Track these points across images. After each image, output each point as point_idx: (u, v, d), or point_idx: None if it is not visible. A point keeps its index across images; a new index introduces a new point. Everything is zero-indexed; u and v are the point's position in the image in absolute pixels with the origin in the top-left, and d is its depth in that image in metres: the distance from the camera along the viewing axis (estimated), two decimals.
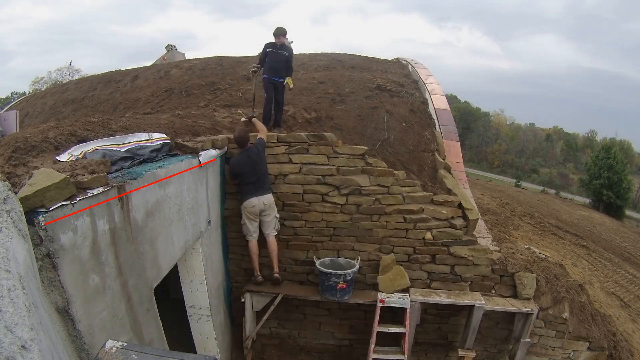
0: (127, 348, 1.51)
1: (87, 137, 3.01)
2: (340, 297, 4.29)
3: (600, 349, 4.48)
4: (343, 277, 4.20)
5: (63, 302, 1.79)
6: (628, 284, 8.29)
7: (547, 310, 4.37)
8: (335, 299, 4.30)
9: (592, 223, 15.80)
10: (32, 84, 25.55)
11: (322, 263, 4.35)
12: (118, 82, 9.04)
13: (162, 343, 2.84)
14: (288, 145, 4.40)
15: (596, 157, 27.59)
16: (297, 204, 4.45)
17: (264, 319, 4.55)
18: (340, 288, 4.23)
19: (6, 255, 1.22)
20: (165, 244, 2.94)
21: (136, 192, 2.47)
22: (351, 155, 4.39)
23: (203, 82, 7.39)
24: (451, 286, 4.45)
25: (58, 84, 18.47)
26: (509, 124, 56.84)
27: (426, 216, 4.36)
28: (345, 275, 4.20)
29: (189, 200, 3.40)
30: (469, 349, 4.36)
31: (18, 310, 1.14)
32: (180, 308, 3.98)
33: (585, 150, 48.58)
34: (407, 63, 8.16)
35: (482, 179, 29.42)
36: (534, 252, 5.18)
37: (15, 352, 1.03)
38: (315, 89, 6.59)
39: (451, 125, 6.33)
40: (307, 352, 4.94)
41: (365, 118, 5.85)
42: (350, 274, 4.22)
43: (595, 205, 25.82)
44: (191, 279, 3.82)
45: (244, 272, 4.73)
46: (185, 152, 3.49)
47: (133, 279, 2.43)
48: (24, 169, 2.20)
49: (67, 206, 1.83)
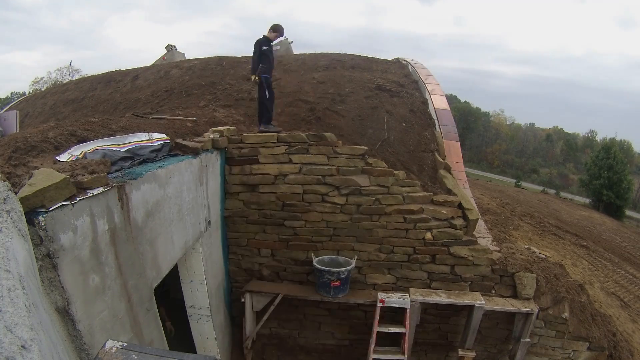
0: (127, 348, 1.51)
1: (87, 137, 3.01)
2: (334, 295, 4.28)
3: (600, 349, 4.48)
4: (337, 275, 4.19)
5: (63, 302, 1.79)
6: (628, 284, 8.28)
7: (547, 310, 4.37)
8: (329, 296, 4.29)
9: (592, 223, 15.79)
10: (32, 84, 25.53)
11: (320, 261, 4.36)
12: (118, 82, 9.04)
13: (162, 343, 2.84)
14: (288, 145, 4.40)
15: (596, 157, 27.55)
16: (297, 204, 4.45)
17: (264, 319, 4.55)
18: (333, 285, 4.22)
19: (6, 255, 1.22)
20: (165, 244, 2.94)
21: (136, 192, 2.47)
22: (351, 155, 4.39)
23: (203, 82, 7.40)
24: (451, 286, 4.45)
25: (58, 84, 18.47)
26: (509, 124, 56.86)
27: (426, 216, 4.35)
28: (339, 273, 4.19)
29: (189, 200, 3.40)
30: (469, 349, 4.36)
31: (18, 310, 1.14)
32: (180, 308, 3.98)
33: (585, 150, 48.53)
34: (407, 63, 8.16)
35: (482, 179, 29.42)
36: (534, 252, 5.18)
37: (15, 352, 1.03)
38: (316, 89, 6.59)
39: (451, 125, 6.32)
40: (307, 352, 4.94)
41: (365, 118, 5.85)
42: (344, 272, 4.21)
43: (595, 205, 25.78)
44: (191, 279, 3.82)
45: (244, 272, 4.73)
46: (185, 152, 3.49)
47: (133, 279, 2.43)
48: (24, 169, 2.20)
49: (67, 206, 1.83)
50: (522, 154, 49.79)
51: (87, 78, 11.02)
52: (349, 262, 4.36)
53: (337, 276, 4.19)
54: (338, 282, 4.20)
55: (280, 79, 7.07)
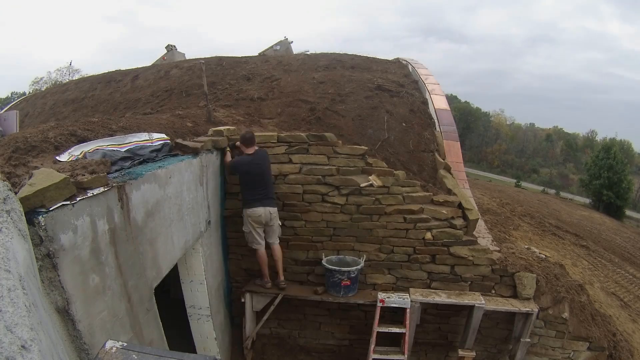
0: (127, 348, 1.51)
1: (87, 137, 3.01)
2: (345, 294, 4.31)
3: (600, 349, 4.48)
4: (347, 275, 4.22)
5: (63, 302, 1.79)
6: (628, 284, 8.29)
7: (547, 310, 4.37)
8: (339, 295, 4.32)
9: (592, 223, 15.79)
10: (32, 84, 25.54)
11: (328, 260, 4.38)
12: (118, 82, 9.04)
13: (162, 343, 2.84)
14: (288, 145, 4.40)
15: (596, 157, 27.59)
16: (297, 204, 4.45)
17: (264, 319, 4.55)
18: (344, 285, 4.26)
19: (6, 255, 1.22)
20: (165, 244, 2.94)
21: (136, 192, 2.47)
22: (351, 155, 4.39)
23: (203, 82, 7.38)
24: (451, 286, 4.45)
25: (58, 84, 18.49)
26: (509, 124, 56.90)
27: (426, 216, 4.35)
28: (349, 272, 4.22)
29: (189, 200, 3.40)
30: (469, 349, 4.36)
31: (18, 310, 1.14)
32: (180, 308, 3.98)
33: (585, 150, 48.58)
34: (407, 63, 8.16)
35: (482, 179, 29.44)
36: (534, 252, 5.18)
37: (15, 352, 1.03)
38: (316, 89, 6.59)
39: (451, 125, 6.32)
40: (307, 352, 4.94)
41: (365, 118, 5.85)
42: (354, 271, 4.24)
43: (595, 205, 25.81)
44: (191, 279, 3.82)
45: (244, 272, 4.73)
46: (186, 152, 3.49)
47: (133, 279, 2.43)
48: (24, 169, 2.20)
49: (67, 206, 1.83)
50: (522, 154, 49.84)
51: (87, 78, 11.02)
52: (357, 262, 4.38)
53: (348, 275, 4.22)
54: (348, 281, 4.24)
55: (280, 79, 7.08)
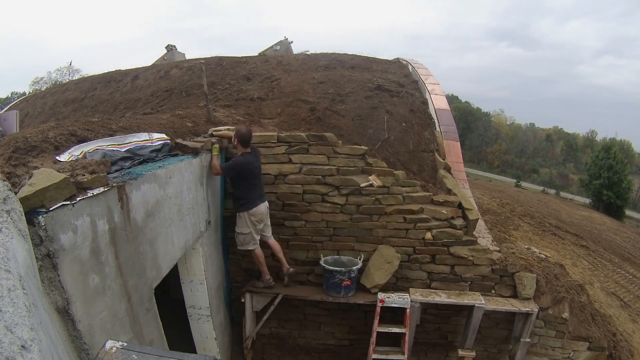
0: (127, 348, 1.51)
1: (87, 137, 3.01)
2: (345, 294, 4.32)
3: (600, 349, 4.48)
4: (347, 274, 4.23)
5: (63, 302, 1.79)
6: (628, 284, 8.28)
7: (547, 310, 4.37)
8: (339, 296, 4.33)
9: (592, 223, 15.79)
10: (32, 84, 25.57)
11: (325, 262, 4.38)
12: (118, 82, 9.03)
13: (162, 343, 2.84)
14: (288, 145, 4.40)
15: (596, 157, 27.61)
16: (297, 204, 4.45)
17: (264, 319, 4.55)
18: (345, 285, 4.26)
19: (6, 255, 1.22)
20: (165, 244, 2.94)
21: (136, 192, 2.47)
22: (351, 155, 4.39)
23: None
24: (451, 286, 4.45)
25: (58, 84, 18.50)
26: (509, 124, 56.91)
27: (426, 216, 4.36)
28: (349, 272, 4.23)
29: (189, 200, 3.40)
30: (469, 349, 4.36)
31: (18, 310, 1.14)
32: (180, 308, 3.98)
33: (585, 150, 48.62)
34: (407, 63, 8.16)
35: (482, 179, 29.45)
36: (534, 252, 5.19)
37: (15, 352, 1.03)
38: (316, 89, 6.59)
39: (451, 125, 6.32)
40: (307, 352, 4.94)
41: (365, 118, 5.85)
42: (354, 270, 4.26)
43: (595, 205, 25.82)
44: (191, 279, 3.83)
45: (244, 272, 4.73)
46: (186, 152, 3.49)
47: (133, 279, 2.43)
48: (24, 169, 2.20)
49: (67, 206, 1.83)
50: (522, 154, 49.87)
51: (87, 78, 11.02)
52: (353, 261, 4.39)
53: (348, 275, 4.24)
54: (349, 281, 4.25)
55: (280, 79, 7.07)
